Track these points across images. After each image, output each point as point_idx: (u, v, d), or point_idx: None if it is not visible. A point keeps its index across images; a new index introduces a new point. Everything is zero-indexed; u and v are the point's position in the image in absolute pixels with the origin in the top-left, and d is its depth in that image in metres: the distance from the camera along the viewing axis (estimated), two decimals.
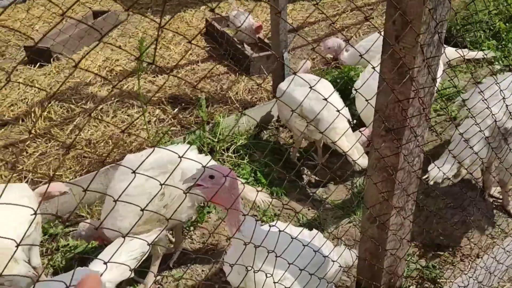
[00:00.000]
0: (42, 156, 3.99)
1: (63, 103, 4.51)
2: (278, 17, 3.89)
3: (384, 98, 1.69)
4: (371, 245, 2.05)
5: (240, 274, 2.19)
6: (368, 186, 1.94)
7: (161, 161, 2.66)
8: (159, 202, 2.64)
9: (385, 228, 1.91)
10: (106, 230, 2.79)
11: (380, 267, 2.04)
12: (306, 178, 3.88)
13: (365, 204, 1.89)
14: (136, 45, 5.59)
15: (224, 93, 4.68)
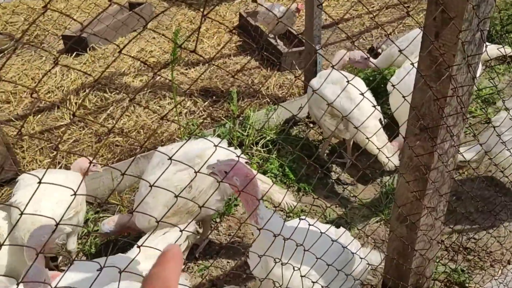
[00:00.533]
0: (76, 143, 4.08)
1: (97, 92, 4.60)
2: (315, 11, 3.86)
3: (420, 95, 1.66)
4: (400, 244, 2.03)
5: (263, 268, 2.21)
6: (399, 185, 1.92)
7: (190, 154, 2.69)
8: (187, 194, 2.67)
9: (415, 228, 1.88)
10: (138, 222, 2.85)
11: (408, 267, 2.01)
12: (334, 176, 3.85)
13: (396, 203, 1.86)
14: (171, 37, 5.66)
15: (255, 87, 4.68)
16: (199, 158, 2.64)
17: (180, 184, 2.61)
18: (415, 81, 1.69)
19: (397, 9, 6.50)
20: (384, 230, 3.34)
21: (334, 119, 3.62)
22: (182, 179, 2.63)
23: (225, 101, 4.50)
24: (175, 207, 2.64)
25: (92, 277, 1.92)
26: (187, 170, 2.69)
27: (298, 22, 5.91)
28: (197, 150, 2.66)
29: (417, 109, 1.66)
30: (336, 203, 3.57)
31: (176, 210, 2.68)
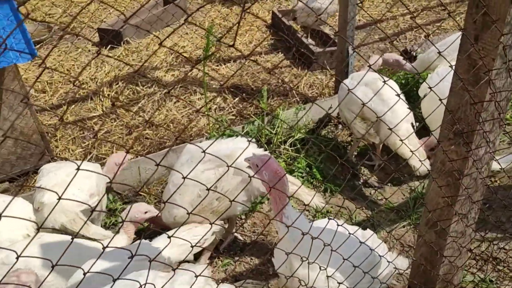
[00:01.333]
0: (107, 134, 4.16)
1: (130, 85, 4.68)
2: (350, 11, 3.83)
3: (456, 99, 1.62)
4: (428, 250, 1.99)
5: (288, 267, 2.20)
6: (430, 190, 1.88)
7: (219, 154, 2.70)
8: (212, 194, 2.68)
9: (445, 234, 1.85)
10: (164, 216, 2.89)
11: (436, 273, 1.97)
12: (362, 178, 3.81)
13: (426, 208, 1.83)
14: (203, 34, 5.70)
15: (286, 86, 4.67)
16: (228, 158, 2.65)
17: (206, 183, 2.63)
18: (452, 84, 1.65)
19: (433, 11, 6.38)
20: (411, 235, 3.29)
21: (365, 122, 3.58)
22: (209, 178, 2.66)
23: (255, 99, 4.51)
24: (200, 206, 2.66)
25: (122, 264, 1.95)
26: (214, 170, 2.72)
27: (331, 22, 5.87)
28: (227, 150, 2.68)
29: (453, 113, 1.63)
30: (363, 206, 3.54)
31: (200, 209, 2.69)
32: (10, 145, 3.64)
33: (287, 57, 5.29)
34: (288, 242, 2.08)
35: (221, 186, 2.67)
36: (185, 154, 2.91)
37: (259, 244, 3.25)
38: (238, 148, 2.68)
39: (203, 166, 2.68)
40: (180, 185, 1.47)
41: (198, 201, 2.61)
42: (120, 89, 4.60)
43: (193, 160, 2.75)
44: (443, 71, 3.43)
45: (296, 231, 1.98)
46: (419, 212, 3.44)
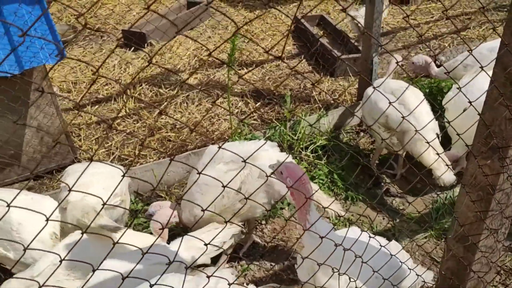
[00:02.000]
0: (129, 135, 4.20)
1: (153, 86, 4.72)
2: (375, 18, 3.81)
3: (492, 113, 1.60)
4: (456, 264, 1.97)
5: (310, 274, 2.20)
6: (460, 203, 1.86)
7: (243, 155, 2.70)
8: (236, 196, 2.69)
9: (474, 249, 1.82)
10: (184, 215, 2.91)
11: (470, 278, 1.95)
12: (384, 187, 3.78)
13: (457, 221, 1.81)
14: (224, 36, 5.74)
15: (308, 91, 4.66)
16: (251, 160, 2.65)
17: (229, 184, 2.62)
18: (486, 97, 1.63)
19: (458, 20, 6.32)
20: (433, 246, 3.25)
21: (388, 132, 3.56)
22: (232, 180, 2.65)
23: (276, 104, 4.51)
24: (222, 207, 2.67)
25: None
26: (237, 171, 2.72)
27: None
28: (250, 152, 2.67)
29: (486, 127, 1.61)
30: (384, 215, 3.51)
31: (222, 209, 2.70)
32: (36, 144, 3.69)
33: (308, 63, 5.28)
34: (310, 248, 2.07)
35: (246, 188, 2.67)
36: (207, 156, 2.92)
37: (279, 249, 3.25)
38: (262, 149, 2.68)
39: (227, 166, 2.68)
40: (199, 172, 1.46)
41: (220, 201, 2.61)
42: (143, 91, 4.64)
43: (216, 161, 2.76)
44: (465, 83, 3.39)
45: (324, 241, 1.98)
46: (441, 223, 3.40)
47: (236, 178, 2.63)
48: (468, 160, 1.74)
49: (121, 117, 4.40)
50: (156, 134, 4.15)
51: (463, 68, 3.70)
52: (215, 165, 2.69)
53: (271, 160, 2.66)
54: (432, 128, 3.46)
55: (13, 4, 3.18)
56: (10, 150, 3.57)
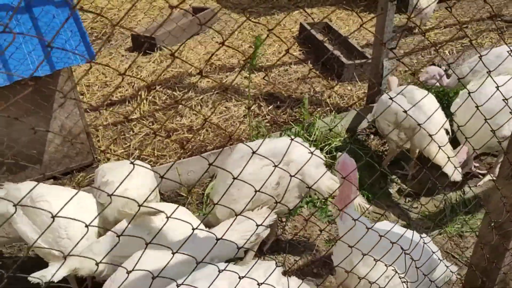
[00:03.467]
0: (147, 136, 4.28)
1: (167, 90, 4.81)
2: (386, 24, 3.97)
3: None
4: (488, 251, 2.11)
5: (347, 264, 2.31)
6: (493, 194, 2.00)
7: (275, 151, 2.81)
8: (273, 191, 2.78)
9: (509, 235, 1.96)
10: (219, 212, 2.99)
11: (494, 276, 2.08)
12: (396, 187, 3.93)
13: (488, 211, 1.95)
14: (233, 42, 5.86)
15: (318, 95, 4.80)
16: (286, 156, 2.76)
17: (264, 179, 2.71)
18: None
19: (455, 28, 6.55)
20: (448, 242, 3.39)
21: (401, 131, 3.70)
22: (268, 174, 2.73)
23: (288, 107, 4.64)
24: (259, 202, 2.76)
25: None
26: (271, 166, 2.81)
27: (368, 36, 6.03)
28: (283, 147, 2.77)
29: None
30: (398, 214, 3.65)
31: (259, 204, 2.80)
32: (58, 143, 3.75)
33: (315, 69, 5.44)
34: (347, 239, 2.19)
35: (284, 184, 2.76)
36: (237, 153, 3.00)
37: (302, 245, 3.36)
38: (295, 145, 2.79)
39: (262, 162, 2.76)
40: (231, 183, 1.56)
41: (258, 196, 2.66)
42: (157, 94, 4.73)
43: (247, 157, 2.84)
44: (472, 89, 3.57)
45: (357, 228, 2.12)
46: (454, 220, 3.55)
47: (274, 174, 2.72)
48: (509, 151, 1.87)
49: (136, 119, 4.48)
50: (173, 135, 4.24)
51: (471, 74, 3.88)
52: (251, 161, 2.77)
53: (303, 155, 2.78)
54: (441, 124, 3.61)
55: (43, 6, 3.26)
56: (33, 149, 3.63)
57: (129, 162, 1.34)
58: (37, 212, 2.59)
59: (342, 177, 2.07)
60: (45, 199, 2.62)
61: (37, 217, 2.62)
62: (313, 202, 3.68)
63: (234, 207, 2.81)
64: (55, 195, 2.66)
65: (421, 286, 2.20)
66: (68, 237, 2.51)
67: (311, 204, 3.68)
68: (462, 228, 3.49)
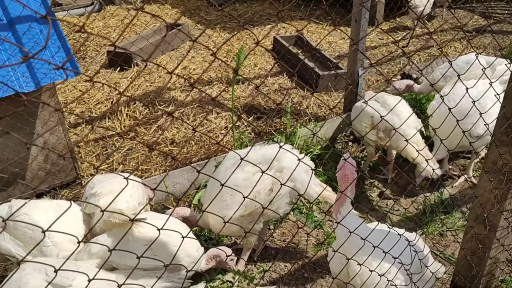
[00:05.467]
0: (129, 151, 4.28)
1: (146, 105, 4.83)
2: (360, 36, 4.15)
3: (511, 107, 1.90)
4: (476, 244, 2.23)
5: (342, 264, 2.39)
6: (481, 188, 2.13)
7: (268, 156, 2.88)
8: (266, 197, 2.85)
9: (494, 227, 2.09)
10: (201, 220, 3.04)
11: (483, 266, 2.21)
12: (377, 190, 4.06)
13: (478, 204, 2.08)
14: (206, 57, 5.94)
15: (296, 105, 4.93)
16: (277, 161, 2.85)
17: (259, 185, 2.77)
18: (506, 92, 1.93)
19: (419, 39, 6.85)
20: (429, 242, 3.53)
21: (379, 131, 3.85)
22: (261, 181, 2.79)
23: (268, 118, 4.74)
24: (253, 207, 2.82)
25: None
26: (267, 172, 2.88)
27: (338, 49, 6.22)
28: (275, 153, 2.83)
29: (507, 119, 1.90)
30: (380, 216, 3.77)
31: (253, 210, 2.85)
32: (41, 161, 3.72)
33: (291, 80, 5.57)
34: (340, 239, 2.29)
35: (276, 189, 2.83)
36: (229, 159, 3.06)
37: (291, 252, 3.43)
38: (286, 151, 2.88)
39: (254, 168, 2.82)
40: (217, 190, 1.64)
41: (252, 202, 2.71)
42: (137, 109, 4.75)
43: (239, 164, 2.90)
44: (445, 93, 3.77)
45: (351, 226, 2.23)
46: (434, 220, 3.71)
47: (264, 178, 2.79)
48: (489, 148, 2.01)
49: (117, 134, 4.48)
50: (156, 149, 4.25)
51: (443, 79, 4.09)
52: (244, 167, 2.83)
53: (292, 160, 2.87)
54: (414, 125, 3.79)
55: (26, 24, 3.26)
56: (15, 167, 3.58)
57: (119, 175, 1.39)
58: (18, 226, 2.62)
59: (341, 177, 2.16)
60: (23, 213, 2.65)
61: (18, 231, 2.65)
62: (299, 209, 3.77)
63: (227, 213, 2.85)
64: (32, 207, 2.68)
65: (419, 283, 2.31)
66: (53, 244, 2.57)
67: (298, 210, 3.76)
68: (442, 227, 3.64)
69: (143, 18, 6.83)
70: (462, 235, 2.75)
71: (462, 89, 3.03)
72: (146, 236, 2.60)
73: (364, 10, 3.93)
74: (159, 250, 2.56)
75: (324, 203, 3.82)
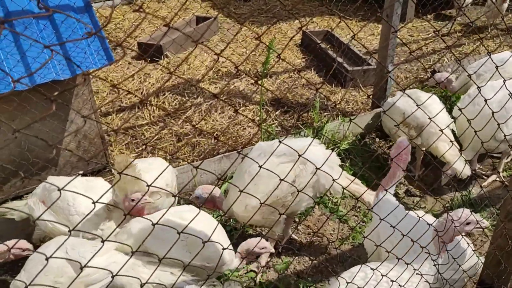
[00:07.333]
0: (158, 141, 4.36)
1: (176, 95, 4.90)
2: (391, 32, 4.11)
3: None
4: (505, 241, 2.21)
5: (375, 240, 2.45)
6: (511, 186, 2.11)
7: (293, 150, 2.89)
8: (289, 188, 2.87)
9: None
10: (226, 206, 3.09)
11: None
12: (403, 187, 4.04)
13: (506, 201, 2.06)
14: (236, 50, 5.98)
15: (324, 100, 4.92)
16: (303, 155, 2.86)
17: (281, 176, 2.77)
18: None
19: (451, 37, 6.74)
20: None
21: (411, 129, 3.82)
22: (284, 172, 2.81)
23: (295, 112, 4.75)
24: (274, 198, 2.83)
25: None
26: (289, 164, 2.91)
27: (367, 45, 6.18)
28: (301, 146, 2.85)
29: None
30: None
31: (274, 201, 2.87)
32: (73, 147, 3.82)
33: (319, 75, 5.56)
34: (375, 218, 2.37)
35: (299, 182, 2.85)
36: (256, 151, 3.10)
37: (316, 244, 3.45)
38: (312, 144, 2.90)
39: (279, 159, 2.85)
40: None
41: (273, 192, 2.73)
42: (167, 99, 4.82)
43: (265, 154, 2.93)
44: (474, 92, 3.71)
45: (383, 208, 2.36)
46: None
47: (286, 170, 2.81)
48: None
49: (147, 124, 4.56)
50: (184, 140, 4.32)
51: (476, 77, 4.03)
52: (265, 158, 2.86)
53: (317, 154, 2.90)
54: (446, 122, 3.74)
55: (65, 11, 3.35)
56: (49, 153, 3.69)
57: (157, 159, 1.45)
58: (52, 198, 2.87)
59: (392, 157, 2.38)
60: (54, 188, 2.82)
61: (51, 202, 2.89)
62: (324, 203, 3.78)
63: (250, 201, 2.88)
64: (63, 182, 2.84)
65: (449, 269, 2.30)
66: (77, 213, 2.75)
67: (323, 204, 3.77)
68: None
69: (173, 10, 6.92)
70: (490, 234, 2.72)
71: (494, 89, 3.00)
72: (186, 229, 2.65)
73: (397, 5, 3.90)
74: (193, 247, 2.58)
75: (349, 198, 3.83)
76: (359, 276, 2.11)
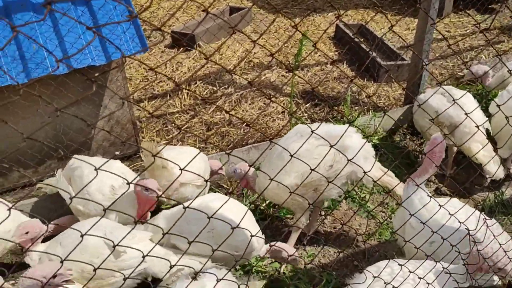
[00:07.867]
0: (188, 129, 4.41)
1: (207, 85, 4.93)
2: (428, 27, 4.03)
3: None
4: None
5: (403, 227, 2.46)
6: None
7: (332, 133, 2.82)
8: (325, 172, 2.84)
9: None
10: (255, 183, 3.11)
11: None
12: (433, 186, 3.97)
13: None
14: (268, 41, 5.97)
15: (355, 95, 4.87)
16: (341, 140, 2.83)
17: (318, 158, 2.75)
18: None
19: (490, 33, 6.54)
20: None
21: (444, 128, 3.75)
22: (321, 154, 2.78)
23: (326, 105, 4.72)
24: (309, 179, 2.81)
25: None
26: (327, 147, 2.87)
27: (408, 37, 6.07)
28: (339, 131, 2.81)
29: None
30: None
31: (308, 182, 2.85)
32: (106, 132, 3.90)
33: (351, 69, 5.50)
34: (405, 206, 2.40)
35: (337, 167, 2.84)
36: (294, 131, 3.10)
37: (342, 238, 3.43)
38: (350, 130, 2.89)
39: (318, 141, 2.83)
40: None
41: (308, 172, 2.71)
42: (198, 89, 4.86)
43: (303, 135, 2.92)
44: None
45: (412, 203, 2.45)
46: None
47: (324, 153, 2.77)
48: None
49: (177, 112, 4.61)
50: (213, 129, 4.35)
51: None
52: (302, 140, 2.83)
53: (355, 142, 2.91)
54: (480, 122, 3.64)
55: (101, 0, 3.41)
56: (83, 137, 3.78)
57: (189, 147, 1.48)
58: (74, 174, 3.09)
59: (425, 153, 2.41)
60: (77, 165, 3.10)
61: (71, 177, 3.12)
62: (352, 197, 3.75)
63: (284, 178, 2.86)
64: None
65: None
66: (87, 193, 2.91)
67: (350, 199, 3.75)
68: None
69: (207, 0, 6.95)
70: None
71: None
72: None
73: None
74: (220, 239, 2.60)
75: (378, 193, 3.79)
76: (385, 272, 2.09)
